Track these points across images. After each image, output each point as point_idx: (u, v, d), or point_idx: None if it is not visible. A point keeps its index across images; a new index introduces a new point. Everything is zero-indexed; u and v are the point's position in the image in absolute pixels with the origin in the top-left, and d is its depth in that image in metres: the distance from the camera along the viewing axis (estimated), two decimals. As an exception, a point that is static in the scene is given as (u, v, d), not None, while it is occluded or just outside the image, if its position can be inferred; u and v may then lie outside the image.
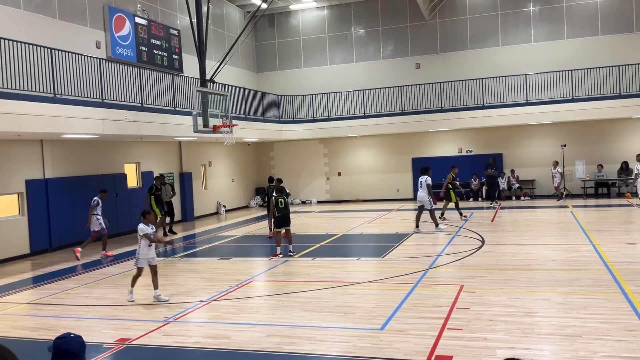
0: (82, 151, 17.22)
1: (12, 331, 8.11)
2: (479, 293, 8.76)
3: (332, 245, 14.80)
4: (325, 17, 27.50)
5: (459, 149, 25.73)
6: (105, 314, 8.81)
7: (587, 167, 23.88)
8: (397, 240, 14.59)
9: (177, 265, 12.84)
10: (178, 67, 21.09)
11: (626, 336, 6.48)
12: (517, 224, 16.39)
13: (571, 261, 10.95)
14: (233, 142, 17.62)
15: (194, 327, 7.97)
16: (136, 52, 18.93)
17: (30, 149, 15.49)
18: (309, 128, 25.39)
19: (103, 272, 12.40)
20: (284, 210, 13.00)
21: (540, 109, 22.23)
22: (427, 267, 10.91)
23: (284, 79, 28.09)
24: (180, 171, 22.20)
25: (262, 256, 13.71)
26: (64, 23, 16.43)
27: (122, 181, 18.75)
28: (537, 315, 7.47)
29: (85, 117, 13.81)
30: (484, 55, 25.21)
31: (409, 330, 7.10)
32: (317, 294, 9.31)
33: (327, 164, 27.48)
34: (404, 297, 8.73)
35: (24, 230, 15.16)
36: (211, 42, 23.32)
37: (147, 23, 19.54)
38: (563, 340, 6.46)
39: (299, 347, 6.76)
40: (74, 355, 2.68)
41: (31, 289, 11.19)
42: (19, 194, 15.15)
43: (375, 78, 26.22)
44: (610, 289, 8.64)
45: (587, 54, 23.64)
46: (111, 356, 6.82)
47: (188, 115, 16.70)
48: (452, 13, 25.65)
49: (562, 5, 24.23)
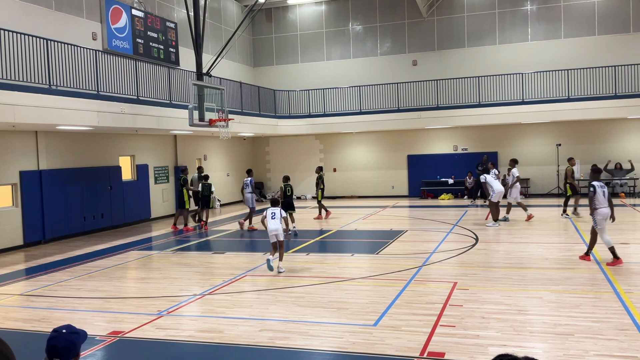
0: (76, 143, 17.15)
1: (5, 322, 8.09)
2: (472, 290, 8.79)
3: (326, 241, 14.81)
4: (322, 13, 27.44)
5: (455, 147, 25.78)
6: (98, 307, 8.80)
7: (581, 166, 23.96)
8: (391, 236, 14.61)
9: (171, 259, 12.82)
10: (174, 60, 21.01)
11: (617, 335, 6.52)
12: (511, 222, 16.44)
13: (564, 260, 11.00)
14: (229, 136, 17.59)
15: (187, 320, 7.96)
16: (132, 44, 18.84)
17: (25, 140, 15.41)
18: (305, 123, 25.37)
19: (96, 264, 12.37)
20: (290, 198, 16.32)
21: (536, 108, 22.29)
22: (421, 264, 10.94)
23: (280, 73, 28.03)
24: (176, 165, 22.14)
25: (256, 251, 13.71)
26: (61, 14, 16.34)
27: (116, 174, 18.69)
28: (530, 314, 7.50)
29: (80, 109, 13.75)
30: (480, 53, 25.23)
31: (401, 327, 7.12)
32: (310, 290, 9.32)
33: (322, 160, 27.46)
34: (397, 293, 8.75)
35: (17, 221, 15.10)
36: (208, 36, 23.29)
37: (143, 15, 19.45)
38: (555, 339, 6.50)
39: (292, 342, 6.77)
40: (58, 353, 2.69)
41: (24, 281, 11.15)
42: (12, 185, 15.09)
43: (372, 74, 26.22)
44: (603, 288, 8.69)
45: (583, 54, 23.69)
46: (103, 349, 6.81)
47: (184, 108, 16.66)
48: (450, 11, 25.65)
49: (560, 4, 24.25)
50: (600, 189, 10.55)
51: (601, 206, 10.48)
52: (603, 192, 10.58)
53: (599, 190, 10.51)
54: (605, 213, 10.49)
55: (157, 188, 20.97)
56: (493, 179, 16.35)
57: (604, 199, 10.51)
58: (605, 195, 10.55)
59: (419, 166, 25.84)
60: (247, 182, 17.64)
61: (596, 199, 10.48)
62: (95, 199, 17.58)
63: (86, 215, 17.26)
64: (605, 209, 10.49)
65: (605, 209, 10.49)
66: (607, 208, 10.51)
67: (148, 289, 9.90)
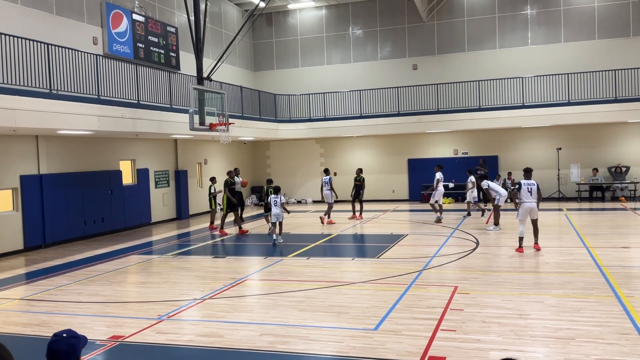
0: (77, 147, 17.16)
1: (5, 327, 8.08)
2: (473, 295, 8.77)
3: (327, 245, 14.80)
4: (323, 17, 27.50)
5: (455, 151, 25.79)
6: (99, 311, 8.79)
7: (582, 170, 23.98)
8: (392, 240, 14.60)
9: (172, 263, 12.81)
10: (175, 65, 21.05)
11: (619, 339, 6.51)
12: (511, 226, 16.42)
13: (565, 264, 10.98)
14: (229, 140, 17.60)
15: (188, 325, 7.95)
16: (133, 48, 18.88)
17: (25, 144, 15.42)
18: (305, 127, 25.39)
19: (97, 269, 12.36)
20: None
21: (536, 112, 22.30)
22: (422, 268, 10.93)
23: (281, 78, 28.07)
24: (176, 169, 22.16)
25: (257, 255, 13.70)
26: (61, 18, 16.38)
27: (117, 178, 18.70)
28: (531, 318, 7.49)
29: (81, 114, 13.76)
30: (480, 57, 25.26)
31: (402, 331, 7.11)
32: (311, 294, 9.31)
33: (323, 164, 27.46)
34: (397, 297, 8.74)
35: (17, 225, 15.09)
36: (209, 40, 23.33)
37: (144, 20, 19.50)
38: (556, 343, 6.48)
39: (293, 346, 6.75)
40: (59, 357, 2.69)
41: (24, 285, 11.14)
42: (13, 190, 15.09)
43: (372, 78, 26.25)
44: (604, 292, 8.67)
45: (583, 58, 23.72)
46: (104, 353, 6.80)
47: (184, 112, 16.67)
48: (450, 15, 25.70)
49: (560, 9, 24.30)
50: (525, 187, 12.24)
51: (524, 201, 12.16)
52: (529, 189, 12.21)
53: (524, 187, 12.24)
54: (527, 207, 12.13)
55: (158, 192, 20.97)
56: (495, 184, 16.40)
57: (528, 194, 12.16)
58: (531, 192, 12.18)
59: (420, 170, 25.82)
60: (326, 180, 19.20)
61: (520, 194, 12.23)
62: (95, 203, 17.59)
63: (86, 220, 17.26)
64: (528, 204, 12.13)
65: (528, 204, 12.13)
66: (531, 203, 12.12)
67: (148, 294, 9.88)
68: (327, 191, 19.08)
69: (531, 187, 12.30)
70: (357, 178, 19.91)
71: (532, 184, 12.38)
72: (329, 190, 19.03)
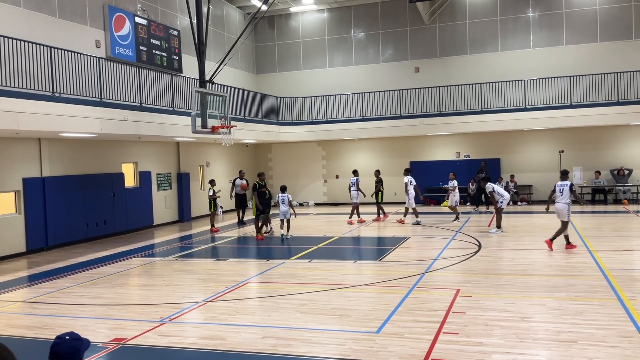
0: (79, 150, 17.20)
1: (7, 329, 8.09)
2: (475, 297, 8.76)
3: (329, 248, 14.79)
4: (325, 20, 27.54)
5: (457, 154, 25.77)
6: (101, 314, 8.79)
7: (584, 173, 23.95)
8: (394, 243, 14.59)
9: (174, 266, 12.82)
10: (177, 68, 21.09)
11: (621, 342, 6.49)
12: (514, 229, 16.41)
13: (567, 267, 10.96)
14: (231, 143, 17.62)
15: (190, 327, 7.95)
16: (136, 51, 18.93)
17: (28, 147, 15.46)
18: (307, 130, 25.41)
19: (99, 271, 12.37)
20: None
21: (539, 115, 22.29)
22: (424, 271, 10.91)
23: (283, 80, 28.11)
24: (178, 171, 22.19)
25: (258, 257, 13.70)
26: (64, 22, 16.43)
27: (119, 181, 18.73)
28: (533, 321, 7.47)
29: (83, 116, 13.80)
30: (482, 60, 25.27)
31: (404, 334, 7.10)
32: (313, 296, 9.31)
33: (324, 167, 27.49)
34: (400, 300, 8.73)
35: (20, 228, 15.12)
36: (211, 43, 23.34)
37: (147, 23, 19.55)
38: (558, 346, 6.47)
39: (295, 349, 6.75)
40: (62, 359, 2.69)
41: (27, 288, 11.16)
42: (16, 192, 15.12)
43: (374, 81, 26.27)
44: (606, 295, 8.66)
45: (585, 61, 23.72)
46: (106, 356, 6.81)
47: (187, 115, 16.70)
48: (452, 18, 25.72)
49: (562, 11, 24.31)
50: (557, 187, 12.70)
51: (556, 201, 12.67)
52: (560, 189, 12.61)
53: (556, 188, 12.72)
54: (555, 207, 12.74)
55: (160, 195, 21.00)
56: (499, 187, 16.42)
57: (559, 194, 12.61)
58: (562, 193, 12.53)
59: (422, 173, 25.77)
60: (353, 181, 19.76)
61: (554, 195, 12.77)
62: (98, 205, 17.61)
63: (89, 222, 17.29)
64: (556, 204, 12.66)
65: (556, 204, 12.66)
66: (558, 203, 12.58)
67: (150, 296, 9.89)
68: (353, 191, 19.58)
69: (562, 187, 12.53)
70: (377, 180, 20.31)
71: (564, 184, 12.57)
72: (356, 190, 19.54)
